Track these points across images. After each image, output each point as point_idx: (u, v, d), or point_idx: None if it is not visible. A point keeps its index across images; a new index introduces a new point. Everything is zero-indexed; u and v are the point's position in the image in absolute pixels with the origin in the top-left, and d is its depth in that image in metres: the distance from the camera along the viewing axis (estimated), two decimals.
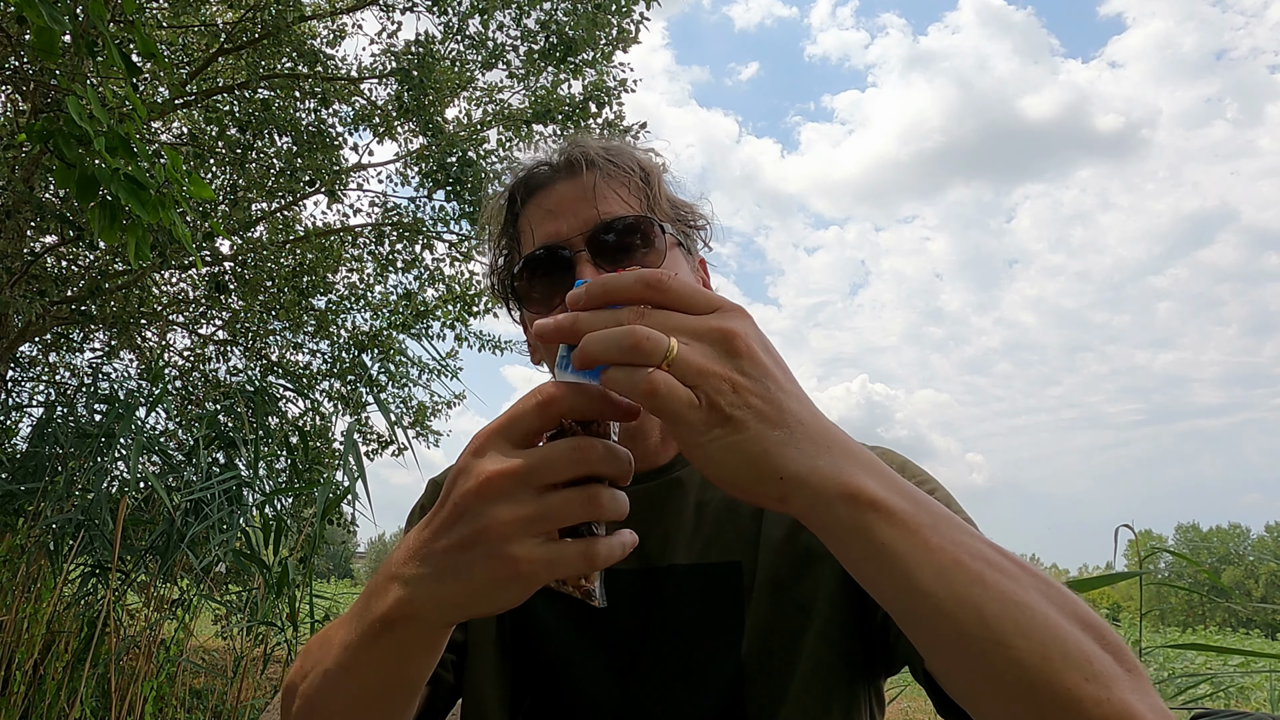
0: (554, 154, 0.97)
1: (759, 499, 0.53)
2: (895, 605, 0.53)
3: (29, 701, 3.52)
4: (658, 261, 0.89)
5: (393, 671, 0.62)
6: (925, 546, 0.52)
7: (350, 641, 0.62)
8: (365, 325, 7.91)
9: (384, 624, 0.58)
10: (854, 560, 0.53)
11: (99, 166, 2.52)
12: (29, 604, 3.72)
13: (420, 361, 8.24)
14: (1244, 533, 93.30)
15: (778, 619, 0.82)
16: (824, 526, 0.53)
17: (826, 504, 0.52)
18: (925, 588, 0.51)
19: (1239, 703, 7.58)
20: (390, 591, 0.58)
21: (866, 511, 0.51)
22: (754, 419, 0.51)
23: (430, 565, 0.55)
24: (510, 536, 0.51)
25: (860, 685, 0.83)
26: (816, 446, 0.53)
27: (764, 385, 0.52)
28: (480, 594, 0.53)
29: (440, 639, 0.62)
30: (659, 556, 0.88)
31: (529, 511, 0.52)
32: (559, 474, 0.52)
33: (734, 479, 0.52)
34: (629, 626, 0.86)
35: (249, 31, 6.53)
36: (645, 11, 6.93)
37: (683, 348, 0.51)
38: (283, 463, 5.84)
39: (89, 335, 7.49)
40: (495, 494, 0.52)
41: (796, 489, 0.51)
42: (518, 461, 0.52)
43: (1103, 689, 0.51)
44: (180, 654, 4.04)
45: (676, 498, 0.90)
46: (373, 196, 7.95)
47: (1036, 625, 0.52)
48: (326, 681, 0.65)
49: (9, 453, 5.41)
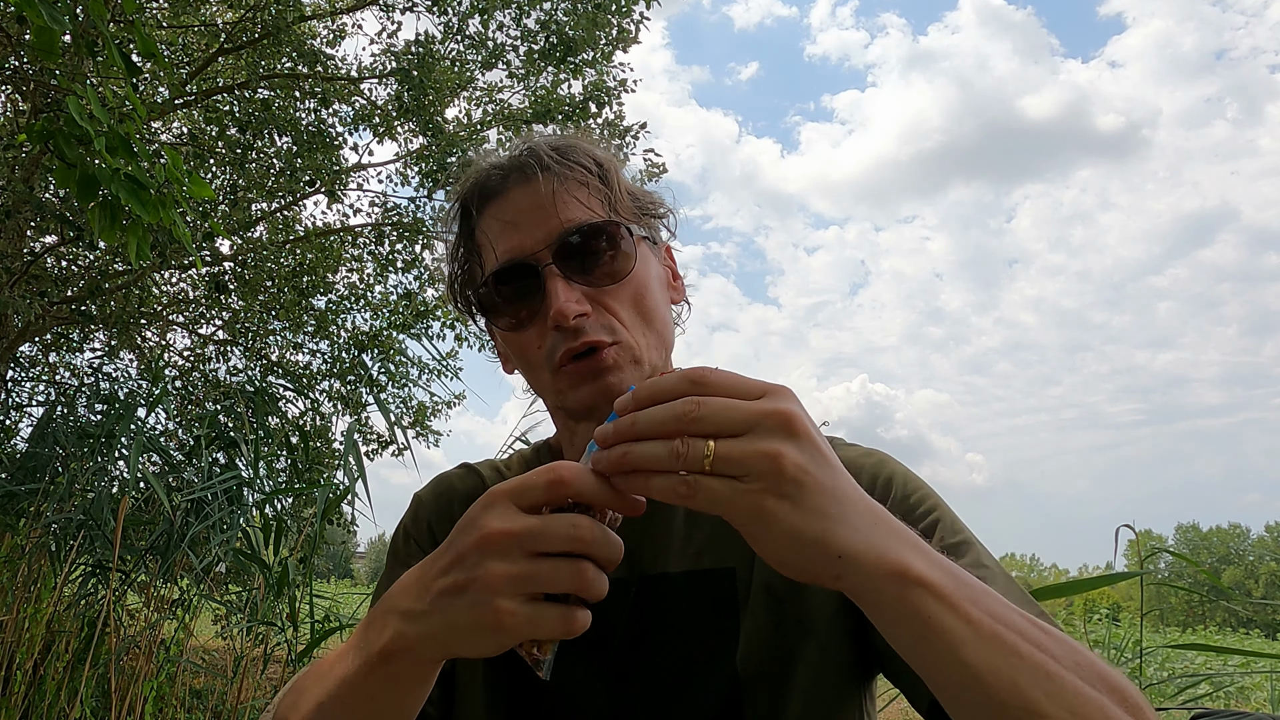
0: (504, 157, 0.92)
1: (816, 577, 0.55)
2: (938, 676, 0.56)
3: (29, 701, 3.52)
4: (628, 265, 0.86)
5: (386, 704, 0.64)
6: (968, 620, 0.55)
7: (348, 674, 0.64)
8: (365, 325, 7.91)
9: (381, 657, 0.61)
10: (901, 635, 0.56)
11: (99, 166, 2.52)
12: (29, 604, 3.72)
13: (420, 361, 8.25)
14: (1244, 533, 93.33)
15: (775, 628, 0.80)
16: (875, 604, 0.56)
17: (878, 581, 0.54)
18: (967, 660, 0.54)
19: (1239, 703, 7.57)
20: (389, 625, 0.61)
21: (914, 588, 0.54)
22: (813, 498, 0.53)
23: (424, 603, 0.59)
24: (499, 590, 0.55)
25: (858, 690, 0.82)
26: (867, 524, 0.55)
27: (818, 464, 0.54)
28: (463, 637, 0.57)
29: (431, 673, 0.64)
30: (651, 564, 0.86)
31: (519, 571, 0.55)
32: (552, 545, 0.56)
33: (795, 560, 0.55)
34: (621, 636, 0.83)
35: (249, 31, 6.54)
36: (645, 11, 6.94)
37: (721, 445, 0.54)
38: (283, 463, 5.83)
39: (89, 335, 7.50)
40: (493, 550, 0.56)
41: (853, 567, 0.54)
42: (518, 525, 0.56)
43: None
44: (180, 654, 4.04)
45: (666, 505, 0.87)
46: (373, 196, 7.96)
47: (1066, 693, 0.54)
48: (320, 714, 0.66)
49: (9, 453, 5.41)
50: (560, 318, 0.81)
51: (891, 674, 0.79)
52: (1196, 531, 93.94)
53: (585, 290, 0.84)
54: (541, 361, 0.86)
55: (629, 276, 0.86)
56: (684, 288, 0.99)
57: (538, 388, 0.91)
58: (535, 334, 0.85)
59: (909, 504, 0.83)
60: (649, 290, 0.88)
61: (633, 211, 0.90)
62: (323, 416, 7.65)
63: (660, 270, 0.93)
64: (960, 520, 0.82)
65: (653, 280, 0.90)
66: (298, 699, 0.70)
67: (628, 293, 0.86)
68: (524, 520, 0.57)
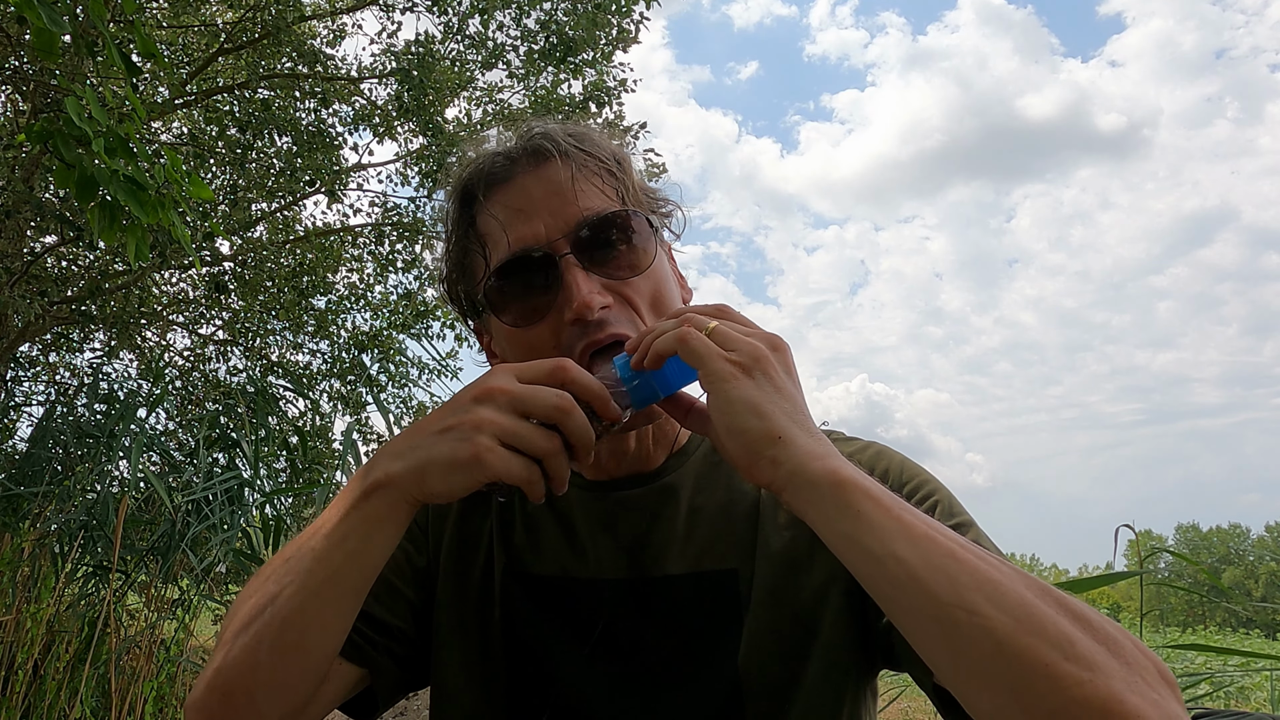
0: (513, 143, 0.86)
1: (755, 456, 0.62)
2: (873, 571, 0.58)
3: (29, 701, 3.52)
4: (645, 258, 0.83)
5: (356, 545, 0.67)
6: (900, 521, 0.58)
7: (323, 523, 0.69)
8: (365, 325, 7.92)
9: (363, 493, 0.67)
10: (835, 531, 0.60)
11: (99, 167, 2.51)
12: (29, 604, 3.72)
13: (420, 361, 8.24)
14: (1244, 533, 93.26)
15: (778, 629, 0.80)
16: (809, 499, 0.61)
17: (811, 474, 0.60)
18: (899, 553, 0.57)
19: (1239, 703, 7.57)
20: (377, 466, 0.67)
21: (849, 489, 0.60)
22: (770, 385, 0.64)
23: (411, 442, 0.66)
24: (482, 428, 0.63)
25: (858, 690, 0.82)
26: (811, 436, 0.63)
27: (785, 376, 0.66)
28: (440, 471, 0.63)
29: (403, 516, 0.68)
30: (653, 567, 0.84)
31: (504, 422, 0.63)
32: (538, 411, 0.64)
33: (741, 428, 0.63)
34: (624, 638, 0.82)
35: (249, 31, 6.53)
36: (645, 11, 6.93)
37: (722, 324, 0.68)
38: (282, 463, 5.83)
39: (89, 335, 7.49)
40: (486, 399, 0.64)
41: (787, 453, 0.61)
42: (514, 386, 0.65)
43: (1085, 670, 0.52)
44: (180, 654, 4.04)
45: (669, 505, 0.87)
46: (373, 196, 7.96)
47: (1010, 600, 0.55)
48: (286, 568, 0.69)
49: (9, 453, 5.41)
50: (585, 309, 0.77)
51: (898, 661, 0.78)
52: (1196, 531, 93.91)
53: (604, 282, 0.80)
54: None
55: (649, 269, 0.83)
56: (690, 290, 0.98)
57: None
58: (548, 329, 0.81)
59: (905, 491, 0.82)
60: (666, 284, 0.86)
61: (645, 206, 0.87)
62: (322, 416, 7.65)
63: (668, 267, 0.92)
64: (960, 504, 0.82)
65: (667, 276, 0.88)
66: (249, 586, 0.74)
67: (647, 286, 0.83)
68: (519, 385, 0.65)
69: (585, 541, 0.87)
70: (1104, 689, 0.51)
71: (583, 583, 0.85)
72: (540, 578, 0.86)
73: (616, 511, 0.87)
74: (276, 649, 0.67)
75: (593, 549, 0.86)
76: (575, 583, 0.86)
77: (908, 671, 0.78)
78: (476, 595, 0.87)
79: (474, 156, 0.89)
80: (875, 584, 0.58)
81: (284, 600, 0.67)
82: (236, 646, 0.68)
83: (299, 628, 0.67)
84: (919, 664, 0.71)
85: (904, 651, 0.74)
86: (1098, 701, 0.51)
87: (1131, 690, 0.52)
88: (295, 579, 0.67)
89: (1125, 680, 0.52)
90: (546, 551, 0.88)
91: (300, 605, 0.67)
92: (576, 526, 0.87)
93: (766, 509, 0.86)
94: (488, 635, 0.86)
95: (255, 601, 0.69)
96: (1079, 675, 0.51)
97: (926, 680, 0.71)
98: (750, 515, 0.85)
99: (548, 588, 0.86)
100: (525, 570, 0.88)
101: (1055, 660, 0.52)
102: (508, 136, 0.89)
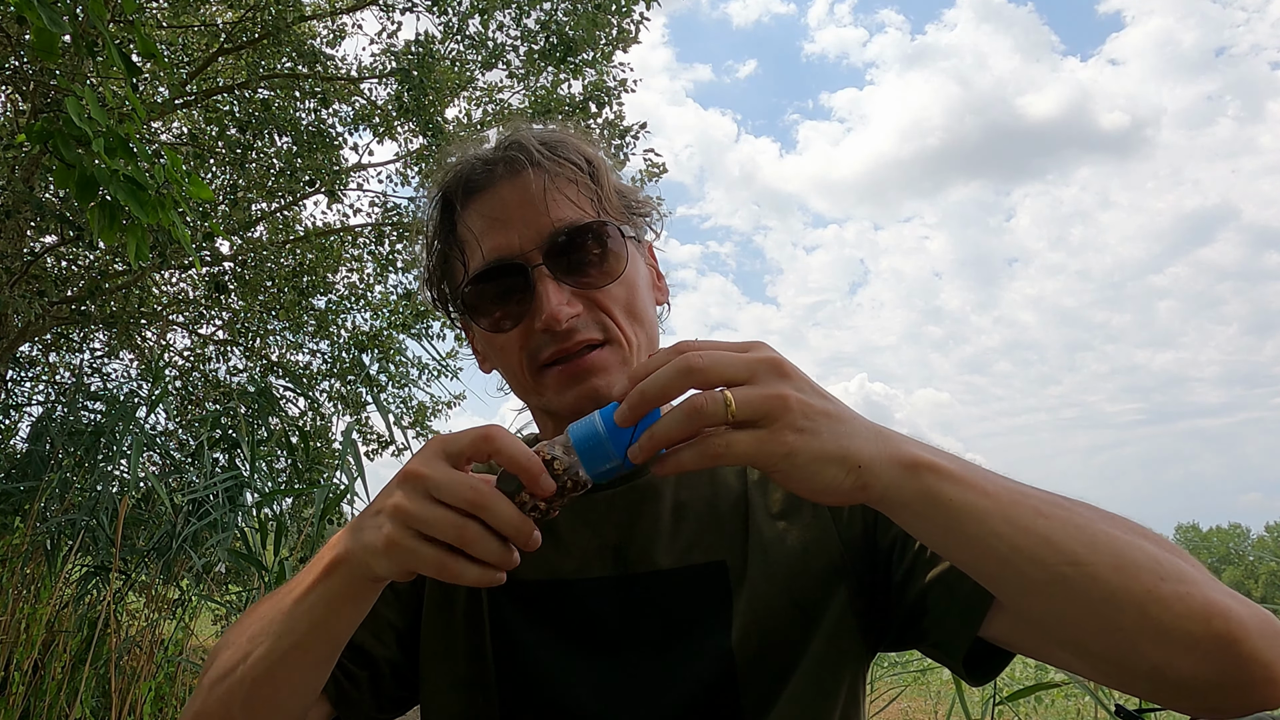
0: (490, 149, 0.87)
1: (845, 494, 0.59)
2: (977, 557, 0.59)
3: (29, 701, 3.52)
4: (618, 265, 0.84)
5: (320, 617, 0.68)
6: (985, 494, 0.58)
7: (292, 592, 0.70)
8: (365, 325, 7.92)
9: (325, 569, 0.68)
10: (932, 529, 0.59)
11: (99, 167, 2.52)
12: (29, 604, 3.72)
13: (420, 362, 8.25)
14: (1244, 533, 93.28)
15: (772, 616, 0.80)
16: (899, 502, 0.59)
17: (895, 476, 0.58)
18: (998, 530, 0.57)
19: None
20: (341, 539, 0.68)
21: (927, 474, 0.58)
22: (824, 424, 0.58)
23: (360, 521, 0.67)
24: (394, 518, 0.61)
25: (854, 675, 0.83)
26: (872, 434, 0.60)
27: (816, 394, 0.59)
28: (369, 555, 0.63)
29: (365, 593, 0.68)
30: (638, 563, 0.85)
31: (411, 507, 0.61)
32: (448, 497, 0.60)
33: (825, 482, 0.58)
34: (612, 635, 0.83)
35: (249, 31, 6.54)
36: (645, 11, 6.94)
37: (738, 391, 0.57)
38: (283, 463, 5.84)
39: (89, 335, 7.50)
40: (404, 484, 0.62)
41: (872, 472, 0.58)
42: (427, 470, 0.62)
43: (1180, 585, 0.56)
44: (180, 654, 4.04)
45: (650, 501, 0.87)
46: (373, 196, 7.97)
47: (1100, 541, 0.57)
48: (251, 643, 0.71)
49: (8, 452, 5.41)
50: (552, 322, 0.79)
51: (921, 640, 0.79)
52: (1196, 531, 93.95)
53: (575, 290, 0.82)
54: (524, 363, 0.84)
55: (620, 277, 0.84)
56: (667, 288, 0.98)
57: (518, 389, 0.89)
58: (519, 335, 0.83)
59: None
60: (639, 290, 0.87)
61: (620, 210, 0.88)
62: (323, 416, 7.66)
63: (646, 270, 0.92)
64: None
65: (641, 281, 0.89)
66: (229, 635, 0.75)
67: (621, 292, 0.84)
68: (436, 467, 0.62)
69: (570, 543, 0.87)
70: (1201, 597, 0.56)
71: (570, 584, 0.86)
72: (527, 583, 0.86)
73: (600, 510, 0.87)
74: (249, 705, 0.72)
75: (578, 549, 0.87)
76: (563, 584, 0.86)
77: (930, 647, 0.78)
78: (464, 609, 0.87)
79: (454, 161, 0.91)
80: (981, 567, 0.59)
81: (255, 660, 0.71)
82: (213, 697, 0.73)
83: (271, 686, 0.71)
84: (951, 637, 0.74)
85: (933, 626, 0.75)
86: (1201, 610, 0.55)
87: (1217, 591, 0.57)
88: (267, 641, 0.70)
89: (1210, 584, 0.57)
90: (531, 556, 0.88)
91: (269, 670, 0.70)
92: (560, 528, 0.87)
93: (755, 499, 0.87)
94: (478, 647, 0.86)
95: (230, 656, 0.73)
96: (1179, 590, 0.56)
97: (957, 650, 0.73)
98: (738, 507, 0.86)
99: (535, 593, 0.86)
100: (511, 577, 0.88)
101: (1155, 584, 0.56)
102: (487, 139, 0.91)
